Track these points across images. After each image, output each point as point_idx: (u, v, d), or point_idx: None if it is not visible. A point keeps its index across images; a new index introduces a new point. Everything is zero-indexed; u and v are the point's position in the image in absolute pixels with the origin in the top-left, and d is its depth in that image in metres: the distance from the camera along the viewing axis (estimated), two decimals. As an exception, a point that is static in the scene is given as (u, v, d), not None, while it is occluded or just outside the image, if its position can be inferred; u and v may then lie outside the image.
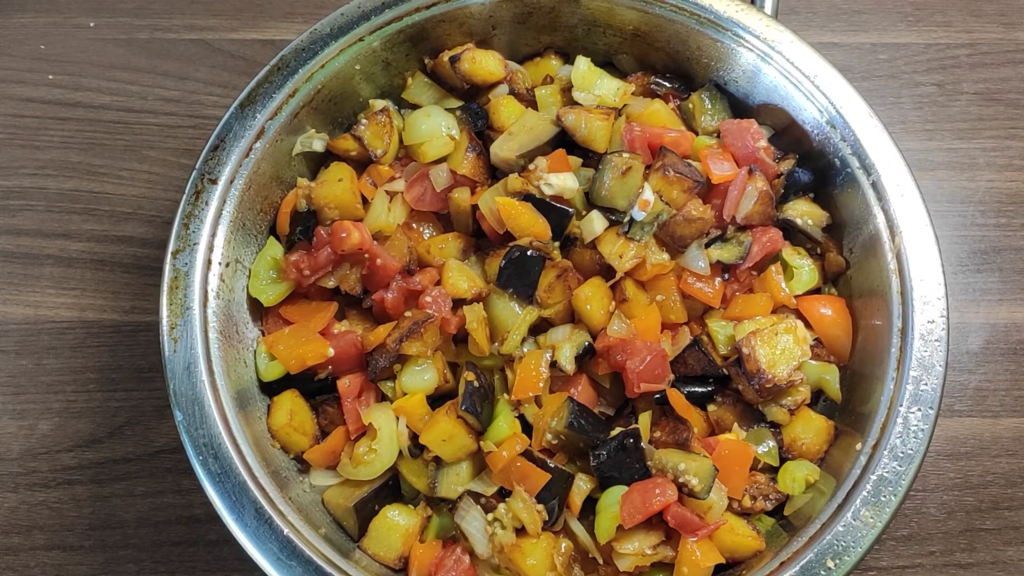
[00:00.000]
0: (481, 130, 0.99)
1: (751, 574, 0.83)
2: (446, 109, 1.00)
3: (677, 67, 1.04)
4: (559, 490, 0.86)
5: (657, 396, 0.90)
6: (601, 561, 0.87)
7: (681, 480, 0.83)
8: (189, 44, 1.26)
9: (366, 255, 0.92)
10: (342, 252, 0.91)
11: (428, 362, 0.90)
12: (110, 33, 1.27)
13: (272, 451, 0.91)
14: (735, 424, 0.91)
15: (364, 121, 0.99)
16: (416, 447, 0.90)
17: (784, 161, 0.99)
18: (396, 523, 0.89)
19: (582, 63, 1.00)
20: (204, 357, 0.86)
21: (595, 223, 0.91)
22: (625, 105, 1.00)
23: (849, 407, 0.93)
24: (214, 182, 0.92)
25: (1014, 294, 1.13)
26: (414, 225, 0.98)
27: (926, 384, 0.84)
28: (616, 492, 0.85)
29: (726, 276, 0.95)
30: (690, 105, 1.02)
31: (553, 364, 0.89)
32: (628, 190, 0.90)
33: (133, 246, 1.16)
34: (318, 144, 1.00)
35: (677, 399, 0.89)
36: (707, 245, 0.93)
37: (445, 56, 1.00)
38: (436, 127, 0.96)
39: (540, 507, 0.85)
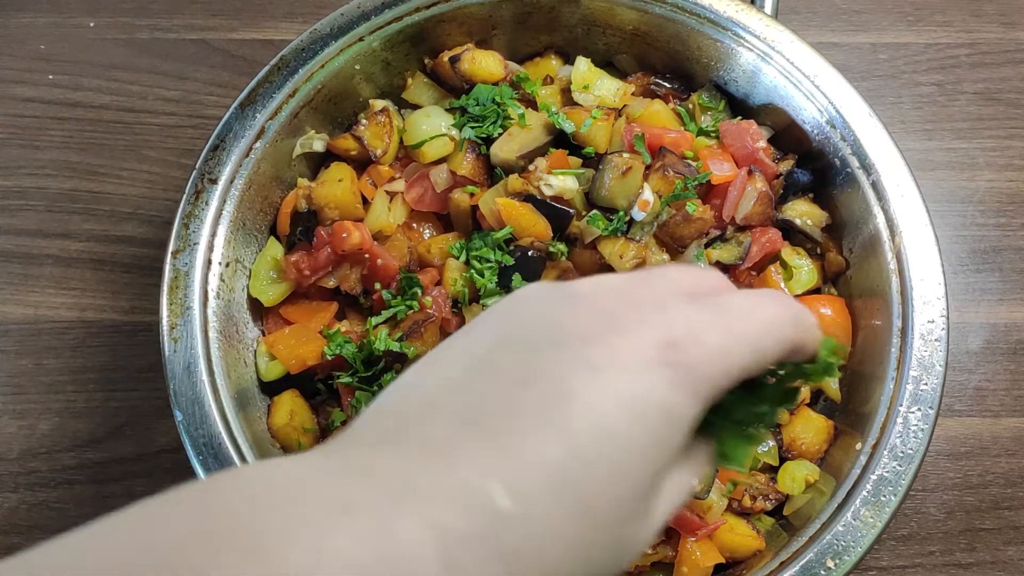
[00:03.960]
0: (481, 130, 0.99)
1: (751, 574, 0.83)
2: (446, 109, 1.00)
3: (677, 67, 1.04)
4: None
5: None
6: (601, 561, 0.87)
7: (681, 480, 0.83)
8: (189, 44, 1.26)
9: (366, 255, 0.92)
10: (342, 252, 0.91)
11: (428, 362, 0.90)
12: (110, 33, 1.27)
13: (272, 451, 0.91)
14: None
15: (364, 121, 0.99)
16: (416, 447, 0.90)
17: (784, 161, 0.99)
18: (396, 523, 0.89)
19: (582, 63, 1.00)
20: (204, 357, 0.86)
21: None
22: (625, 105, 1.00)
23: (849, 407, 0.93)
24: (214, 182, 0.92)
25: (1014, 294, 1.13)
26: (414, 225, 0.98)
27: (926, 384, 0.84)
28: (616, 492, 0.85)
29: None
30: (690, 105, 1.02)
31: (553, 364, 0.89)
32: (628, 190, 0.90)
33: (133, 246, 1.16)
34: (318, 144, 1.00)
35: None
36: (706, 245, 0.93)
37: (445, 56, 1.00)
38: (436, 127, 0.96)
39: (540, 507, 0.85)
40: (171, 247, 0.89)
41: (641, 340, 0.43)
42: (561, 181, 0.91)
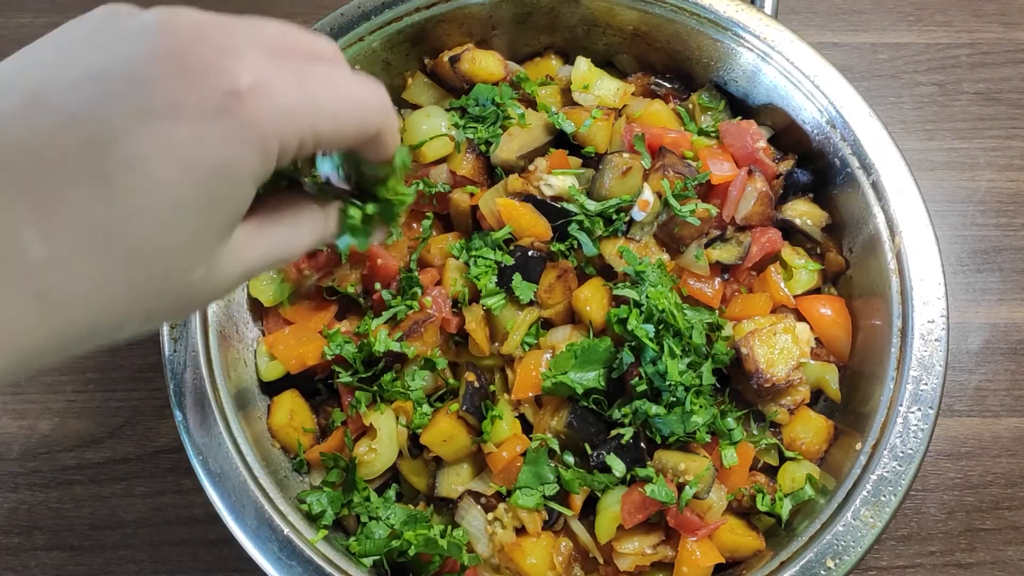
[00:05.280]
0: (481, 130, 0.99)
1: (751, 574, 0.83)
2: (446, 109, 1.00)
3: (677, 67, 1.04)
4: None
5: (657, 396, 0.90)
6: (601, 561, 0.87)
7: (681, 480, 0.83)
8: (189, 44, 1.26)
9: (366, 255, 0.92)
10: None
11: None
12: (110, 33, 1.27)
13: (272, 451, 0.91)
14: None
15: (364, 121, 0.99)
16: (416, 447, 0.90)
17: (784, 161, 0.99)
18: (396, 523, 0.89)
19: (582, 63, 1.00)
20: (204, 357, 0.86)
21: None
22: (625, 105, 1.00)
23: (849, 407, 0.93)
24: (214, 182, 0.92)
25: (1014, 294, 1.13)
26: (414, 225, 0.98)
27: (926, 384, 0.84)
28: (616, 492, 0.85)
29: (726, 276, 0.95)
30: (690, 105, 1.02)
31: (553, 364, 0.89)
32: (628, 190, 0.90)
33: (133, 246, 1.16)
34: (318, 144, 1.00)
35: (677, 399, 0.89)
36: (707, 245, 0.93)
37: (445, 56, 1.00)
38: (436, 127, 0.96)
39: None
40: (171, 247, 0.89)
41: (204, 88, 0.40)
42: (561, 181, 0.91)
